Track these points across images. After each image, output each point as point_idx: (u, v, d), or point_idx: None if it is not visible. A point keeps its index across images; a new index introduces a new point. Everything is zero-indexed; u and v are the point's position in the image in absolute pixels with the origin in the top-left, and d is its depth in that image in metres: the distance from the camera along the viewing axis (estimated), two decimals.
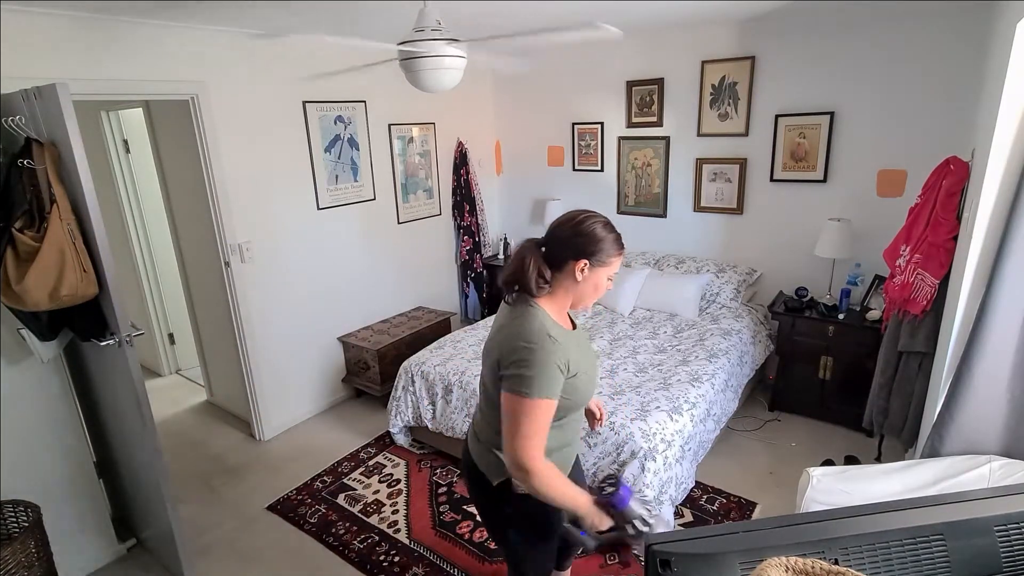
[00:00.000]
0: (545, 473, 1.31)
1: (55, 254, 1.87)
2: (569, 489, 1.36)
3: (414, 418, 3.14)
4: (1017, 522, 0.94)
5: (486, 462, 1.50)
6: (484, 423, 1.52)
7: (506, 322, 1.41)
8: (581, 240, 1.38)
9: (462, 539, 2.60)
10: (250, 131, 3.19)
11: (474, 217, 4.68)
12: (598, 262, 1.39)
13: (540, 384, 1.29)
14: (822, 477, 1.87)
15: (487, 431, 1.50)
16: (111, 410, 2.41)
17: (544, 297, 1.41)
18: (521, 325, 1.35)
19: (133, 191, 4.05)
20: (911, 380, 2.54)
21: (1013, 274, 1.67)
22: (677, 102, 3.88)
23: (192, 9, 2.48)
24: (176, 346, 4.49)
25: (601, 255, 1.38)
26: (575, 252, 1.38)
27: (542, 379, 1.29)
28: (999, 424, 1.83)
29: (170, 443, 3.49)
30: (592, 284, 1.41)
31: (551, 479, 1.33)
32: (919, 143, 3.10)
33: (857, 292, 3.39)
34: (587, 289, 1.42)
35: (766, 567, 0.75)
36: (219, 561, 2.56)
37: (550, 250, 1.41)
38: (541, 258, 1.40)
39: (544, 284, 1.39)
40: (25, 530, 2.09)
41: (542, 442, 1.32)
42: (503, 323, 1.43)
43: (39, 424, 2.34)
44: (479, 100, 4.73)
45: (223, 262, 3.20)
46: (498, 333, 1.42)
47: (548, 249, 1.42)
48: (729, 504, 2.75)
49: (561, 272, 1.40)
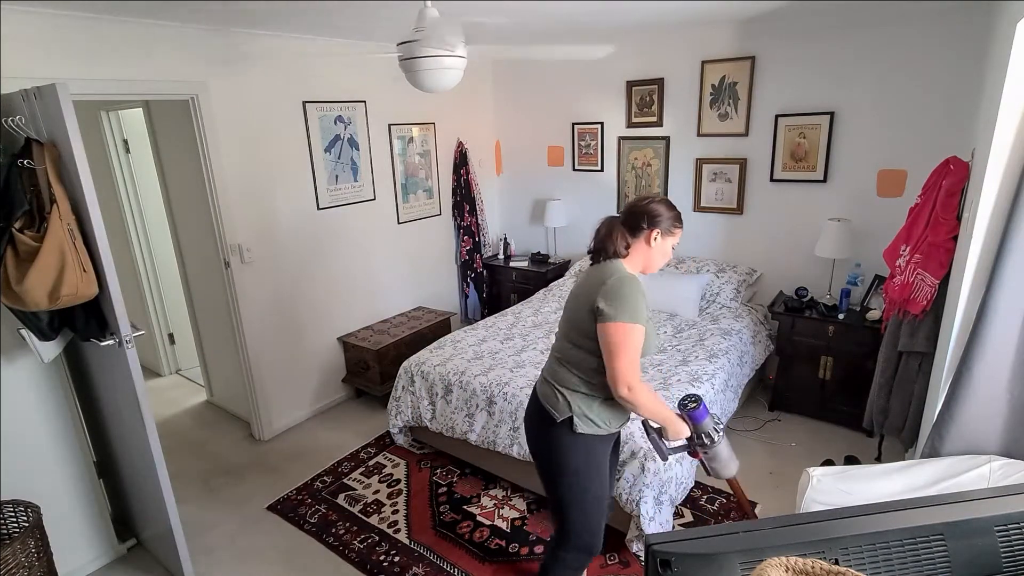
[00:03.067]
0: (644, 388, 1.63)
1: (55, 254, 1.87)
2: (661, 403, 1.70)
3: (414, 418, 3.14)
4: (1017, 522, 0.94)
5: (554, 401, 1.74)
6: (560, 367, 1.77)
7: (595, 273, 1.70)
8: (654, 213, 1.71)
9: (462, 539, 2.60)
10: (250, 131, 3.19)
11: (474, 217, 4.68)
12: (666, 231, 1.72)
13: (633, 311, 1.59)
14: (822, 477, 1.87)
15: (562, 374, 1.75)
16: (111, 410, 2.41)
17: (624, 260, 1.73)
18: (612, 271, 1.66)
19: (133, 191, 4.05)
20: (911, 380, 2.54)
21: (1013, 274, 1.67)
22: (677, 102, 3.88)
23: (192, 9, 2.48)
24: (176, 346, 4.49)
25: (668, 225, 1.72)
26: (649, 222, 1.70)
27: (635, 307, 1.60)
28: (999, 424, 1.82)
29: (170, 443, 3.49)
30: (661, 250, 1.74)
31: (649, 393, 1.64)
32: (919, 143, 3.10)
33: (857, 292, 3.39)
34: (657, 255, 1.74)
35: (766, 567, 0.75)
36: (219, 561, 2.56)
37: (628, 222, 1.73)
38: (623, 228, 1.72)
39: (626, 249, 1.72)
40: (25, 530, 2.09)
41: (639, 363, 1.62)
42: (592, 275, 1.72)
43: (39, 424, 2.34)
44: (479, 100, 4.73)
45: (223, 262, 3.20)
46: (587, 280, 1.72)
47: (626, 221, 1.73)
48: (729, 504, 2.75)
49: (636, 240, 1.72)
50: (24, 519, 2.21)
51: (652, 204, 1.71)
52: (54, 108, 1.86)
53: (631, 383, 1.60)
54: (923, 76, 3.02)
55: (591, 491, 1.79)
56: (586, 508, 1.80)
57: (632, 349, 1.60)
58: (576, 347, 1.72)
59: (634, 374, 1.60)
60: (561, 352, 1.78)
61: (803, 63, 3.35)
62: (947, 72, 2.95)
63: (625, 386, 1.60)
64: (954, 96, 2.95)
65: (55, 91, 1.83)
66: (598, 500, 1.81)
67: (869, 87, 3.18)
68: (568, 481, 1.78)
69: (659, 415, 1.69)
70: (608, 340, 1.60)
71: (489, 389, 2.82)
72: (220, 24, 2.86)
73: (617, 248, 1.70)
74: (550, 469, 1.80)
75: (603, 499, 1.83)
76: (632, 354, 1.60)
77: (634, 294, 1.60)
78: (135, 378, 2.11)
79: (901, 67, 3.07)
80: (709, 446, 1.75)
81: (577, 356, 1.72)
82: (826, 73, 3.29)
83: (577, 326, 1.71)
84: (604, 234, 1.72)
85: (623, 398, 1.62)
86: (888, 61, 3.10)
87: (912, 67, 3.04)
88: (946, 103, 2.98)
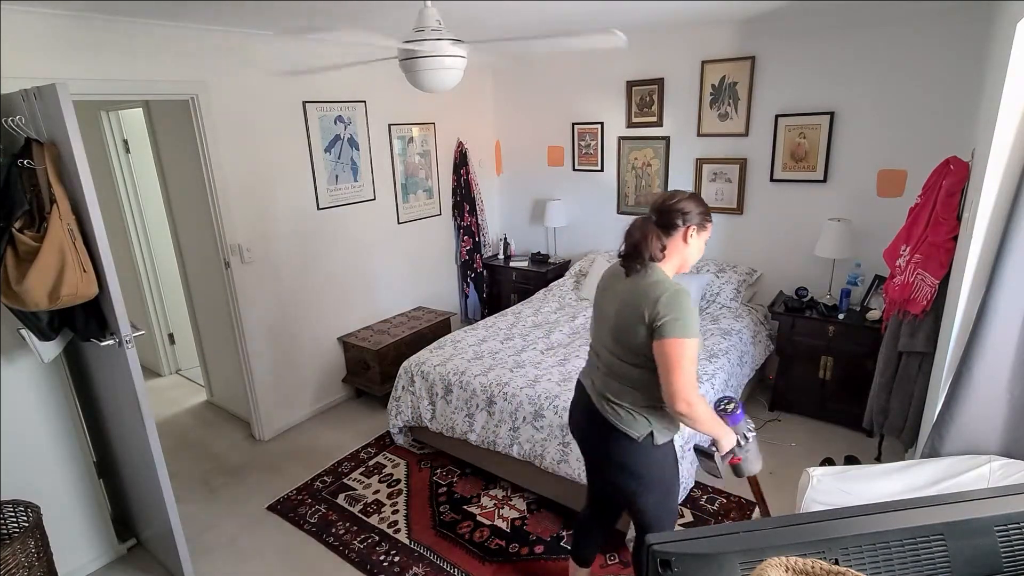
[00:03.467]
0: (703, 404, 1.58)
1: (55, 254, 1.87)
2: (716, 416, 1.66)
3: (414, 418, 3.14)
4: (1017, 522, 0.94)
5: (631, 421, 1.69)
6: (621, 387, 1.71)
7: (640, 286, 1.63)
8: (686, 210, 1.65)
9: (462, 539, 2.60)
10: (250, 131, 3.19)
11: (474, 217, 4.68)
12: (701, 227, 1.68)
13: (689, 325, 1.54)
14: (822, 477, 1.87)
15: (627, 394, 1.70)
16: (111, 410, 2.41)
17: (661, 263, 1.66)
18: (659, 283, 1.60)
19: (133, 191, 4.05)
20: (911, 380, 2.54)
21: (1013, 274, 1.67)
22: (677, 102, 3.88)
23: (192, 9, 2.48)
24: (176, 346, 4.49)
25: (702, 220, 1.68)
26: (684, 220, 1.65)
27: (690, 321, 1.55)
28: (999, 424, 1.82)
29: (170, 443, 3.49)
30: (697, 247, 1.70)
31: (707, 407, 1.60)
32: (919, 143, 3.10)
33: (857, 292, 3.39)
34: (693, 251, 1.70)
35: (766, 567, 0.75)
36: (219, 561, 2.56)
37: (660, 222, 1.66)
38: (657, 229, 1.65)
39: (662, 251, 1.65)
40: (25, 530, 2.09)
41: (696, 377, 1.58)
42: (637, 287, 1.63)
43: (39, 424, 2.34)
44: (479, 100, 4.73)
45: (223, 262, 3.20)
46: (633, 293, 1.63)
47: (659, 221, 1.66)
48: (729, 504, 2.75)
49: (671, 239, 1.66)
50: (24, 519, 2.21)
51: (683, 201, 1.66)
52: (54, 108, 1.86)
53: (689, 398, 1.55)
54: (923, 76, 3.02)
55: (674, 491, 1.85)
56: (672, 507, 1.85)
57: (690, 363, 1.55)
58: (633, 366, 1.66)
59: (693, 389, 1.55)
60: (618, 372, 1.72)
61: (803, 63, 3.35)
62: (947, 72, 2.95)
63: (684, 402, 1.55)
64: (954, 96, 2.95)
65: (55, 91, 1.83)
66: (676, 512, 1.88)
67: (869, 87, 3.18)
68: (659, 492, 1.78)
69: (715, 429, 1.65)
70: (667, 357, 1.56)
71: (489, 389, 2.82)
72: (220, 24, 2.86)
73: (653, 252, 1.64)
74: (638, 488, 1.77)
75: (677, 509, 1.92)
76: (690, 368, 1.55)
77: (690, 307, 1.56)
78: (135, 378, 2.11)
79: (901, 67, 3.07)
80: (743, 447, 1.74)
81: (636, 375, 1.67)
82: (826, 73, 3.29)
83: (629, 344, 1.65)
84: (639, 238, 1.64)
85: (681, 413, 1.57)
86: (888, 61, 3.10)
87: (912, 67, 3.04)
88: (946, 103, 2.98)
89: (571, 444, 2.51)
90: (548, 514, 2.73)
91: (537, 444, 2.63)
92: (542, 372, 2.91)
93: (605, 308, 1.75)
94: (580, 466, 2.48)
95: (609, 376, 1.75)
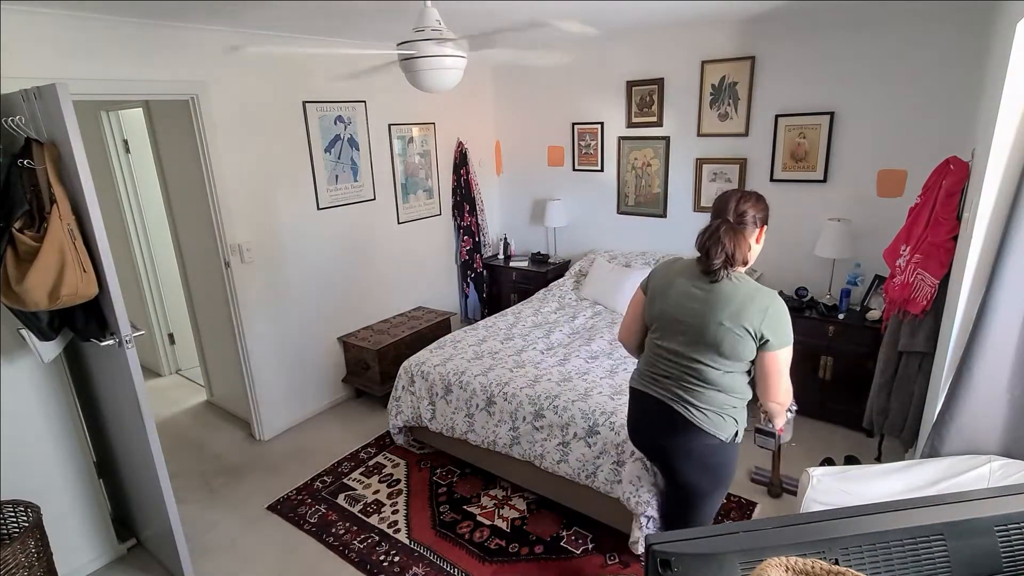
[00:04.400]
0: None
1: (55, 254, 1.87)
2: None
3: (414, 418, 3.14)
4: (1017, 522, 0.94)
5: (722, 424, 1.74)
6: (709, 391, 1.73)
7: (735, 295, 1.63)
8: (761, 209, 1.70)
9: (462, 539, 2.60)
10: (250, 131, 3.19)
11: (474, 217, 4.68)
12: (766, 224, 1.73)
13: (791, 332, 1.64)
14: (822, 477, 1.87)
15: (717, 398, 1.73)
16: (111, 410, 2.41)
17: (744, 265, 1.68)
18: (759, 291, 1.64)
19: (133, 191, 4.05)
20: (911, 380, 2.54)
21: (1013, 274, 1.67)
22: (677, 102, 3.88)
23: (192, 9, 2.48)
24: (176, 346, 4.49)
25: (767, 216, 1.72)
26: (761, 220, 1.70)
27: (790, 327, 1.64)
28: (999, 424, 1.83)
29: (170, 443, 3.49)
30: (761, 243, 1.74)
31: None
32: (919, 143, 3.10)
33: (857, 292, 3.39)
34: (758, 248, 1.73)
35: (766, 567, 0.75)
36: (219, 561, 2.56)
37: (740, 223, 1.67)
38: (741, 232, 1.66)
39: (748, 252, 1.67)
40: (25, 530, 2.09)
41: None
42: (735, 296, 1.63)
43: (39, 424, 2.34)
44: (479, 100, 4.73)
45: (223, 262, 3.20)
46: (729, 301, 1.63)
47: (737, 222, 1.67)
48: (729, 504, 2.75)
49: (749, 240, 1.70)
50: (24, 519, 2.21)
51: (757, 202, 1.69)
52: (54, 108, 1.86)
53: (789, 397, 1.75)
54: (923, 76, 3.02)
55: (723, 490, 1.90)
56: (718, 501, 1.92)
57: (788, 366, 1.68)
58: (724, 372, 1.69)
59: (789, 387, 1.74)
60: (702, 377, 1.71)
61: (803, 63, 3.34)
62: (947, 72, 2.95)
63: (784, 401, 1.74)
64: (954, 96, 2.95)
65: (55, 91, 1.83)
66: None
67: (869, 87, 3.18)
68: (725, 486, 1.88)
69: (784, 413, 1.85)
70: (778, 364, 1.65)
71: (489, 389, 2.82)
72: (220, 24, 2.86)
73: (746, 255, 1.66)
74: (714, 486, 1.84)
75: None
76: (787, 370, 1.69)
77: (788, 316, 1.64)
78: (135, 378, 2.11)
79: (901, 67, 3.07)
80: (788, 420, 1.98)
81: (726, 380, 1.70)
82: (826, 73, 3.29)
83: (725, 352, 1.65)
84: (732, 247, 1.63)
85: (781, 406, 1.75)
86: (888, 61, 3.09)
87: (912, 67, 3.04)
88: (946, 103, 2.98)
89: (571, 444, 2.51)
90: (548, 514, 2.73)
91: (537, 444, 2.62)
92: (542, 372, 2.91)
93: (683, 316, 1.72)
94: (580, 466, 2.48)
95: (692, 382, 1.74)
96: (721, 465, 1.82)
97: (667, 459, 1.87)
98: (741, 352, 1.64)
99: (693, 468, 1.82)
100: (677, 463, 1.84)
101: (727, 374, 1.69)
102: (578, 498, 2.60)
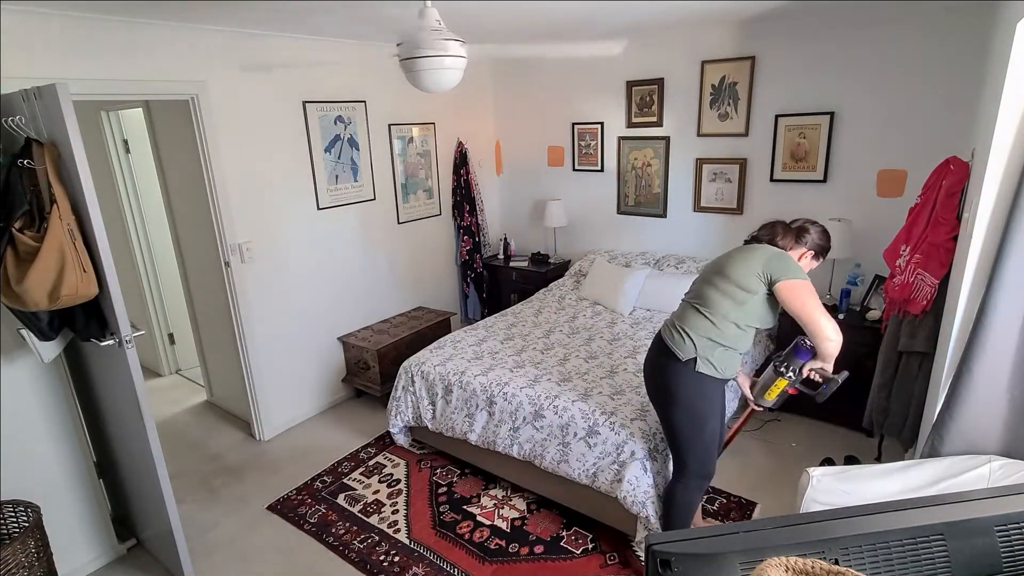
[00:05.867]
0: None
1: (55, 254, 1.87)
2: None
3: (414, 418, 3.14)
4: (1017, 522, 0.94)
5: (681, 343, 2.00)
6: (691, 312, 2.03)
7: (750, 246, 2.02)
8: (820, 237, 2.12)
9: (462, 539, 2.60)
10: (250, 131, 3.19)
11: (474, 217, 4.68)
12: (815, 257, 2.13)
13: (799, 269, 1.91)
14: (822, 477, 1.87)
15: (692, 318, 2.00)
16: (111, 410, 2.41)
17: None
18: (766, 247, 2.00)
19: (133, 191, 4.05)
20: (911, 380, 2.54)
21: (1013, 274, 1.67)
22: (677, 102, 3.88)
23: (192, 9, 2.48)
24: (176, 346, 4.49)
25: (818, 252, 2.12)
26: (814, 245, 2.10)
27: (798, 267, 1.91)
28: (999, 424, 1.82)
29: (170, 443, 3.49)
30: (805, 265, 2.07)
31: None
32: (919, 143, 3.10)
33: (857, 292, 3.39)
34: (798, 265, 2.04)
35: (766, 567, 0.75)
36: (219, 561, 2.56)
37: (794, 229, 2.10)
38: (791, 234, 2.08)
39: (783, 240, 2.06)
40: (25, 530, 2.09)
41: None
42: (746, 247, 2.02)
43: (39, 424, 2.34)
44: (479, 100, 4.73)
45: (223, 262, 3.20)
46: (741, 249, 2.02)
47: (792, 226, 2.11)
48: (729, 504, 2.75)
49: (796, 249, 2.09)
50: (24, 519, 2.21)
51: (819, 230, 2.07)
52: (54, 108, 1.86)
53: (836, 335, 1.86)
54: (923, 76, 3.02)
55: (709, 425, 2.07)
56: (705, 440, 2.07)
57: (817, 299, 1.85)
58: (715, 288, 1.96)
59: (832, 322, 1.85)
60: (697, 296, 2.03)
61: (803, 63, 3.34)
62: (947, 72, 2.95)
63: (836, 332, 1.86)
64: (954, 96, 2.94)
65: (55, 91, 1.83)
66: (714, 434, 2.12)
67: (869, 87, 3.18)
68: (689, 416, 2.03)
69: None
70: (800, 296, 1.85)
71: (489, 389, 2.82)
72: (220, 24, 2.86)
73: (784, 244, 2.02)
74: (673, 405, 2.04)
75: (717, 433, 2.16)
76: (820, 304, 1.85)
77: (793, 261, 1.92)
78: (135, 378, 2.11)
79: (901, 67, 3.07)
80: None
81: (714, 297, 1.96)
82: (826, 73, 3.29)
83: (723, 272, 1.96)
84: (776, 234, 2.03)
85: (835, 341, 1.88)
86: (888, 61, 3.09)
87: (912, 67, 3.04)
88: (946, 103, 2.98)
89: (571, 444, 2.52)
90: (548, 514, 2.73)
91: (537, 444, 2.62)
92: (542, 372, 2.91)
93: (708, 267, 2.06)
94: (580, 466, 2.48)
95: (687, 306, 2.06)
96: (671, 387, 2.02)
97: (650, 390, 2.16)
98: (743, 277, 1.91)
99: (652, 388, 2.11)
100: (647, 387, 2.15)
101: (714, 289, 1.96)
102: (578, 498, 2.60)
